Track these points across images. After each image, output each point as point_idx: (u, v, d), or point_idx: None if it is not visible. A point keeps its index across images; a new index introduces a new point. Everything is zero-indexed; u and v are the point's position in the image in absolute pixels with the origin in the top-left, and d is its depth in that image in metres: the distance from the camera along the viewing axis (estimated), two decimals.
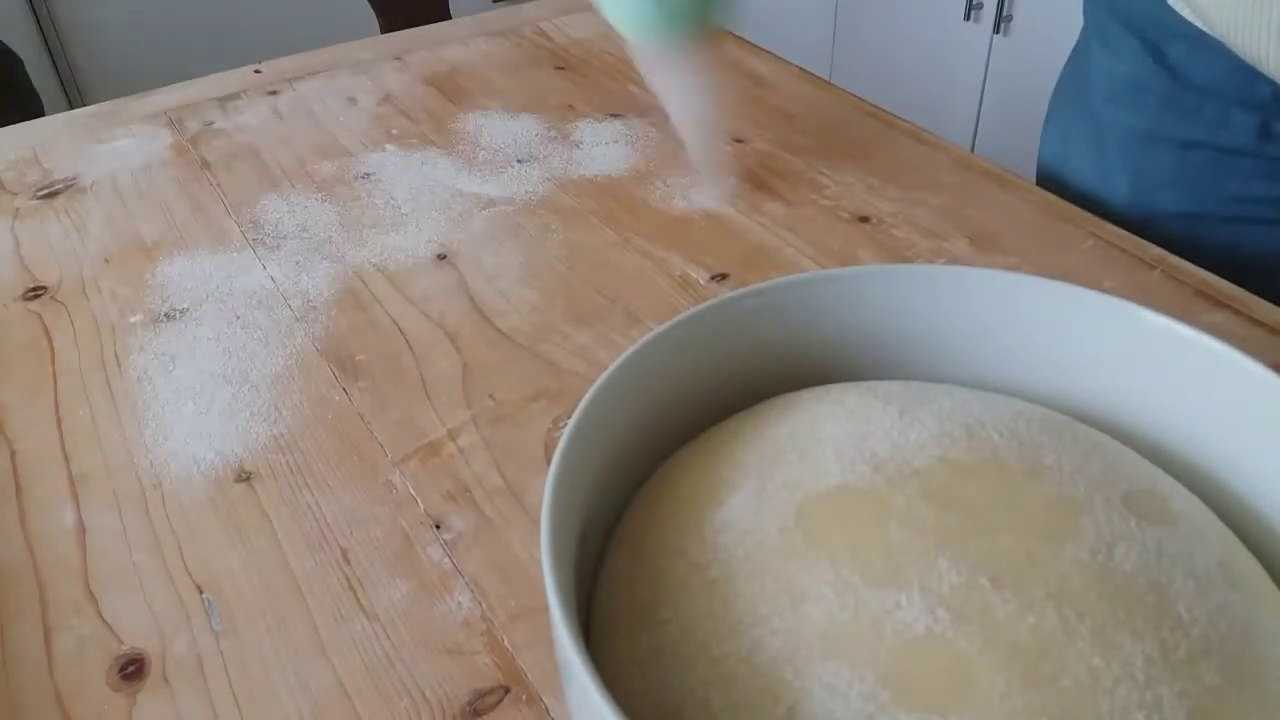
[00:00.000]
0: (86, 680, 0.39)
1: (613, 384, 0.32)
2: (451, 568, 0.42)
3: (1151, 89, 0.65)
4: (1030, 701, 0.24)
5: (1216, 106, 0.63)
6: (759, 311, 0.37)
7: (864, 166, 0.68)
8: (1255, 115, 0.61)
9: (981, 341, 0.37)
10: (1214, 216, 0.60)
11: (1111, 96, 0.68)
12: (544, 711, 0.37)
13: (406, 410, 0.50)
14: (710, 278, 0.59)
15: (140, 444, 0.49)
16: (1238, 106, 0.62)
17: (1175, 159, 0.65)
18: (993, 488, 0.29)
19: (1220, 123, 0.63)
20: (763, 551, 0.29)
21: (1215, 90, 0.62)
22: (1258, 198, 0.64)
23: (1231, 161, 0.64)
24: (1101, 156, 0.68)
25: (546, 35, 0.90)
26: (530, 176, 0.69)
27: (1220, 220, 0.59)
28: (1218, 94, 0.62)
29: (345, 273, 0.60)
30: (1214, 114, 0.63)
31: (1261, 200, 0.63)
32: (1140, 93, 0.66)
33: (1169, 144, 0.65)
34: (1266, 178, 0.63)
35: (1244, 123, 0.62)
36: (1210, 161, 0.64)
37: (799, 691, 0.25)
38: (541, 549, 0.27)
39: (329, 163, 0.72)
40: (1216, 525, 0.31)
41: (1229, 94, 0.62)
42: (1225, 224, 0.59)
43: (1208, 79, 0.62)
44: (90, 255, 0.63)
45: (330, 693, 0.38)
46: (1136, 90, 0.66)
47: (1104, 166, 0.68)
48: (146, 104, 0.81)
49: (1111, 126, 0.68)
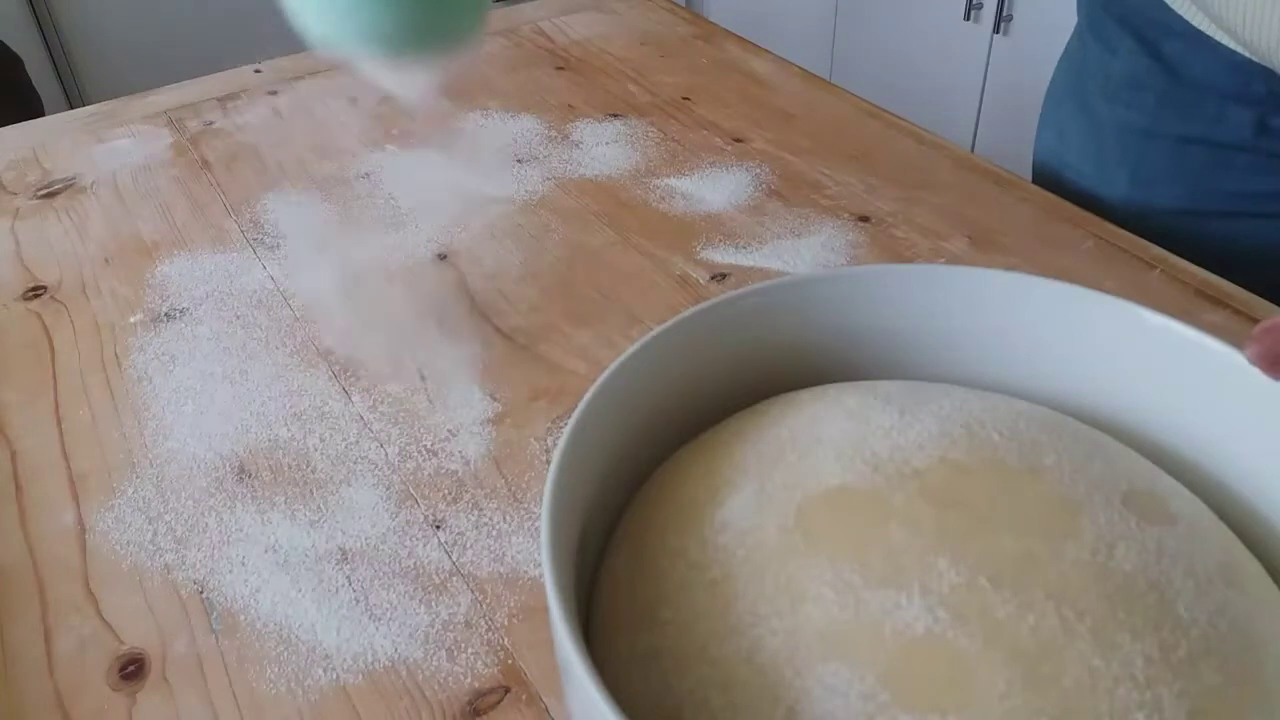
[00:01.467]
0: (86, 680, 0.39)
1: (613, 384, 0.32)
2: (451, 568, 0.42)
3: (1149, 86, 0.65)
4: (1030, 701, 0.24)
5: (1213, 102, 0.63)
6: (759, 311, 0.37)
7: (864, 166, 0.68)
8: (1252, 110, 0.61)
9: (981, 341, 0.37)
10: (1212, 212, 0.60)
11: (1108, 94, 0.68)
12: (544, 711, 0.37)
13: (406, 410, 0.50)
14: (710, 278, 0.59)
15: (140, 444, 0.49)
16: (1234, 102, 0.62)
17: (1173, 155, 0.65)
18: (993, 488, 0.29)
19: (1217, 118, 0.63)
20: (763, 551, 0.29)
21: (1212, 86, 0.62)
22: (1256, 193, 0.64)
23: (1229, 157, 0.64)
24: (1099, 153, 0.68)
25: (546, 35, 0.90)
26: (530, 176, 0.69)
27: (1218, 215, 0.59)
28: (1215, 90, 0.62)
29: (345, 273, 0.60)
30: (1211, 110, 0.63)
31: (1259, 195, 0.64)
32: (1137, 90, 0.66)
33: (1167, 140, 0.65)
34: (1264, 172, 0.63)
35: (1241, 118, 0.62)
36: (1208, 157, 0.64)
37: (799, 691, 0.25)
38: (541, 549, 0.27)
39: (329, 163, 0.72)
40: (1216, 525, 0.31)
41: (1226, 90, 0.62)
42: (1223, 219, 0.59)
43: (1204, 75, 0.62)
44: (90, 255, 0.63)
45: (330, 693, 0.38)
46: (1134, 87, 0.66)
47: (1102, 163, 0.68)
48: (146, 104, 0.81)
49: (1109, 124, 0.68)
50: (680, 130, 0.74)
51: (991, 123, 1.90)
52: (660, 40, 0.88)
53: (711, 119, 0.75)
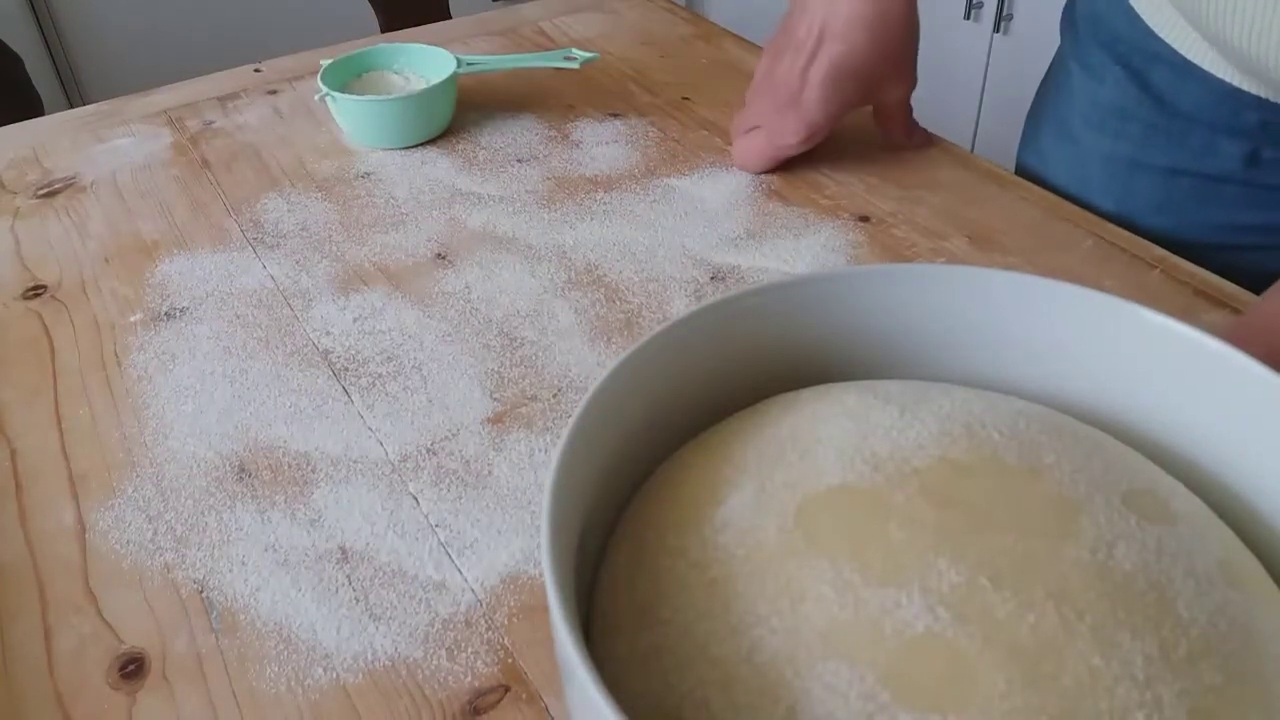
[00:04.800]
0: (86, 680, 0.39)
1: (613, 384, 0.32)
2: (451, 567, 0.42)
3: (1135, 116, 0.64)
4: (1030, 701, 0.24)
5: (1203, 134, 0.62)
6: (759, 311, 0.37)
7: (864, 166, 0.68)
8: (1243, 143, 0.60)
9: (981, 341, 0.37)
10: (1200, 244, 0.59)
11: (1094, 122, 0.67)
12: (544, 711, 0.37)
13: (406, 410, 0.50)
14: (710, 278, 0.59)
15: (140, 443, 0.49)
16: (1224, 134, 0.61)
17: (1161, 186, 0.64)
18: (993, 487, 0.29)
19: (1207, 150, 0.62)
20: (763, 551, 0.29)
21: (1201, 118, 0.61)
22: (1246, 225, 0.63)
23: (1219, 189, 0.63)
24: (1083, 181, 0.67)
25: (546, 35, 0.90)
26: (530, 176, 0.69)
27: (1206, 248, 0.58)
28: (1204, 121, 0.61)
29: (345, 272, 0.60)
30: (1200, 142, 0.62)
31: (1250, 228, 0.63)
32: (1124, 120, 0.65)
33: (1154, 171, 0.64)
34: (1256, 206, 0.62)
35: (1231, 150, 0.61)
36: (1197, 189, 0.63)
37: (799, 691, 0.25)
38: (541, 549, 0.27)
39: (329, 162, 0.72)
40: (1216, 525, 0.31)
41: (1215, 121, 0.61)
42: (1211, 251, 0.58)
43: (1193, 106, 0.61)
44: (90, 254, 0.63)
45: (330, 693, 0.38)
46: (1120, 117, 0.65)
47: (1086, 192, 0.67)
48: (146, 104, 0.81)
49: (1094, 153, 0.67)
50: (680, 130, 0.74)
51: (991, 123, 1.90)
52: (660, 40, 0.88)
53: (711, 119, 0.75)
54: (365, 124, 0.72)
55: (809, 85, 0.63)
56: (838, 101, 0.64)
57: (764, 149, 0.66)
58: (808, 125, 0.64)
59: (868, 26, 0.61)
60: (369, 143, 0.73)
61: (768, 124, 0.65)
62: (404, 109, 0.71)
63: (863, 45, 0.61)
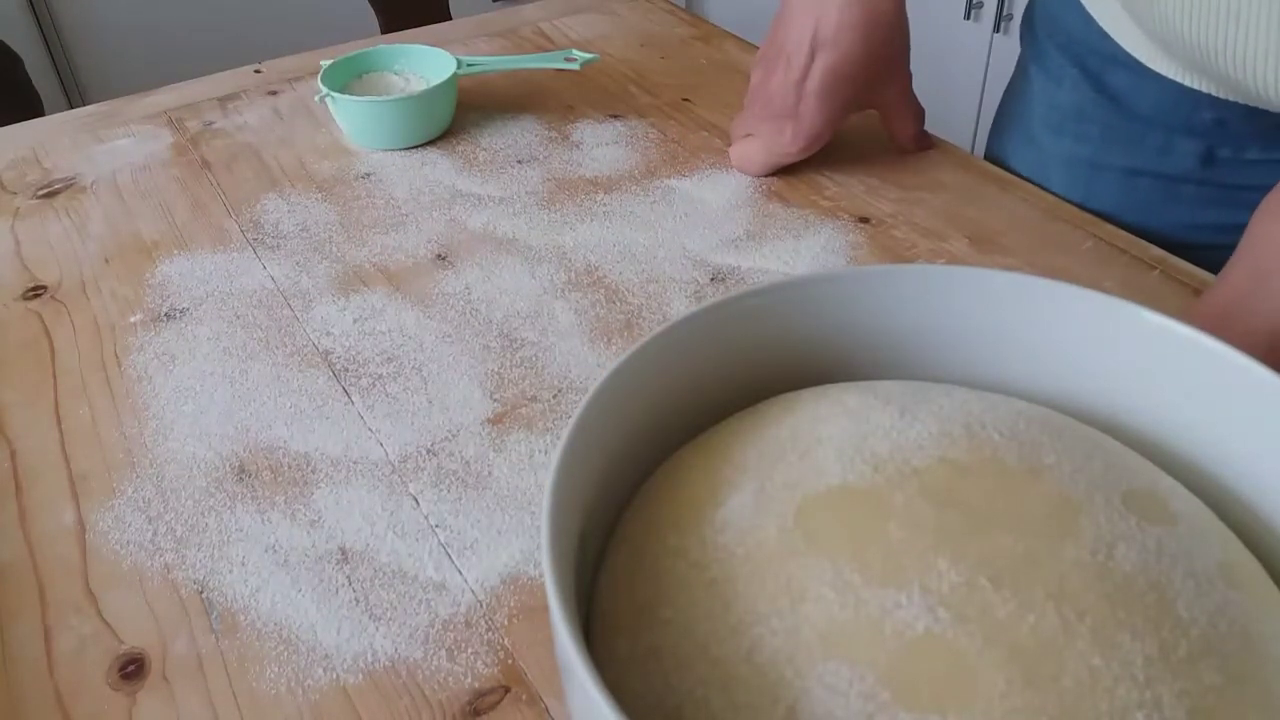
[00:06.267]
0: (86, 680, 0.39)
1: (613, 384, 0.32)
2: (451, 568, 0.42)
3: (1093, 118, 0.65)
4: (1030, 701, 0.24)
5: (1159, 135, 0.62)
6: (759, 311, 0.37)
7: (864, 168, 0.68)
8: (1198, 142, 0.61)
9: (981, 341, 0.37)
10: (1163, 244, 0.59)
11: (1053, 125, 0.68)
12: (544, 711, 0.37)
13: (406, 410, 0.50)
14: (710, 279, 0.59)
15: (140, 443, 0.49)
16: (1180, 134, 0.61)
17: (1121, 187, 0.65)
18: (992, 488, 0.29)
19: (1164, 150, 0.62)
20: (763, 551, 0.29)
21: (1157, 118, 0.62)
22: (1206, 225, 0.63)
23: (1178, 189, 0.63)
24: (1045, 184, 0.67)
25: (546, 36, 0.90)
26: (530, 177, 0.69)
27: (1169, 248, 0.59)
28: (1160, 122, 0.62)
29: (345, 273, 0.60)
30: (1157, 142, 0.63)
31: (1209, 227, 0.63)
32: (1082, 122, 0.65)
33: (1114, 172, 0.65)
34: (1213, 204, 0.62)
35: (1187, 149, 0.62)
36: (1156, 189, 0.64)
37: (799, 691, 0.25)
38: (541, 549, 0.27)
39: (329, 163, 0.72)
40: (1216, 525, 0.31)
41: (1171, 121, 0.61)
42: (1175, 251, 0.58)
43: (1149, 107, 0.62)
44: (90, 255, 0.63)
45: (330, 693, 0.38)
46: (1078, 119, 0.66)
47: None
48: (146, 104, 0.81)
49: (1055, 156, 0.68)
50: (680, 131, 0.74)
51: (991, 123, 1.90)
52: (660, 42, 0.89)
53: (711, 120, 0.75)
54: (365, 125, 0.72)
55: (805, 96, 0.63)
56: (835, 108, 0.64)
57: (763, 157, 0.66)
58: (807, 135, 0.64)
59: (858, 30, 0.61)
60: (369, 143, 0.73)
61: (766, 134, 0.66)
62: (404, 110, 0.71)
63: (855, 50, 0.62)
